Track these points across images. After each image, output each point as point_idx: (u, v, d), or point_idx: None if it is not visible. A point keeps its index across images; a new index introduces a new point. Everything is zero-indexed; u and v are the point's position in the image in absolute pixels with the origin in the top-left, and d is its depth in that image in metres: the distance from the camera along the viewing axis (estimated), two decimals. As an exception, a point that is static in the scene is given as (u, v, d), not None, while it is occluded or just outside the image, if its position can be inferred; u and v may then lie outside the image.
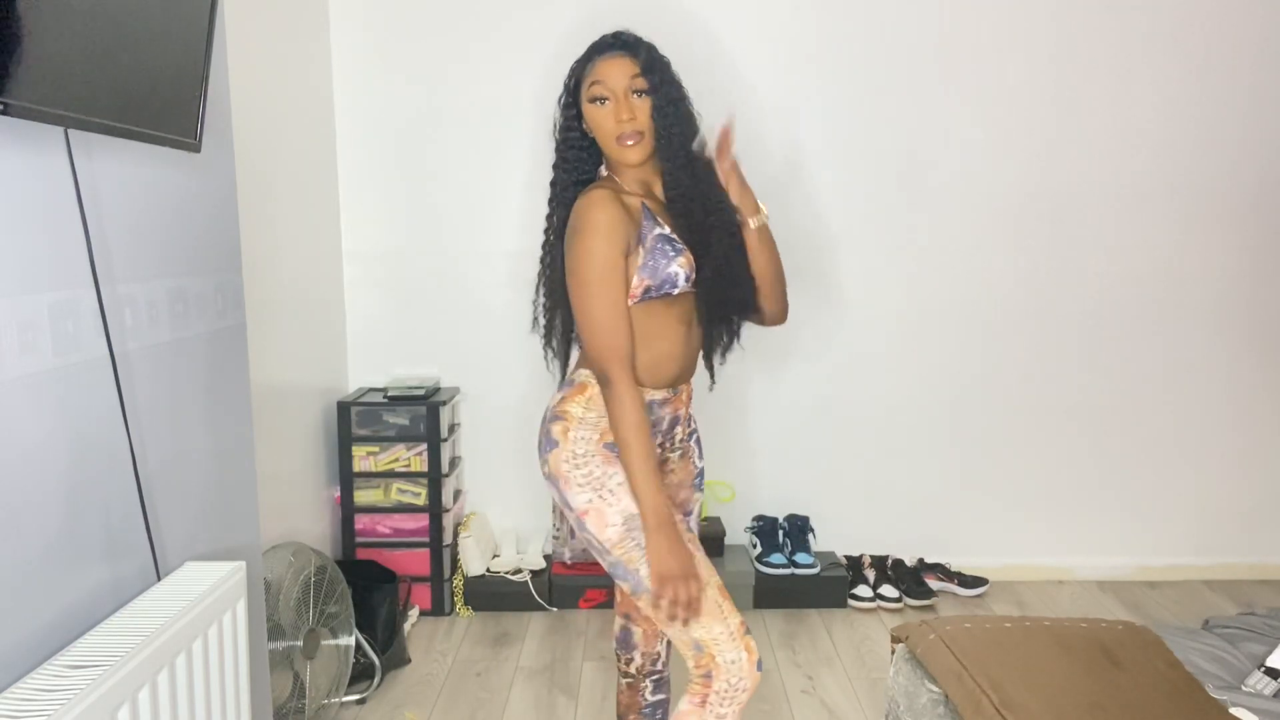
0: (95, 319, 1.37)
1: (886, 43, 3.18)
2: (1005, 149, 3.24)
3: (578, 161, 1.76)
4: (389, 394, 3.11)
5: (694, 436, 1.88)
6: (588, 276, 1.62)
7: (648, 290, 1.64)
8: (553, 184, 1.78)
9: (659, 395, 1.73)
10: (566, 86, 1.73)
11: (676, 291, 1.67)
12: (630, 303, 1.65)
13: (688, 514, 1.88)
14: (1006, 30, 3.18)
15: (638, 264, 1.65)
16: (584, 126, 1.73)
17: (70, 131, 1.29)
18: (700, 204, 1.69)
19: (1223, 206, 3.28)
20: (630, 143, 1.66)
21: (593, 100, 1.68)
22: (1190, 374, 3.37)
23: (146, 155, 1.50)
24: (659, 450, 1.78)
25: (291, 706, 2.27)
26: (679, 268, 1.65)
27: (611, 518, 1.66)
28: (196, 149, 1.53)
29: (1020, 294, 3.32)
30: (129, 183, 1.47)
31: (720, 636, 1.62)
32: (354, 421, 3.06)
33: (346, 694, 2.47)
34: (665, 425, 1.77)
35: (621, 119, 1.65)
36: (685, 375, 1.77)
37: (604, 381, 1.63)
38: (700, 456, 1.90)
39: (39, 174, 1.26)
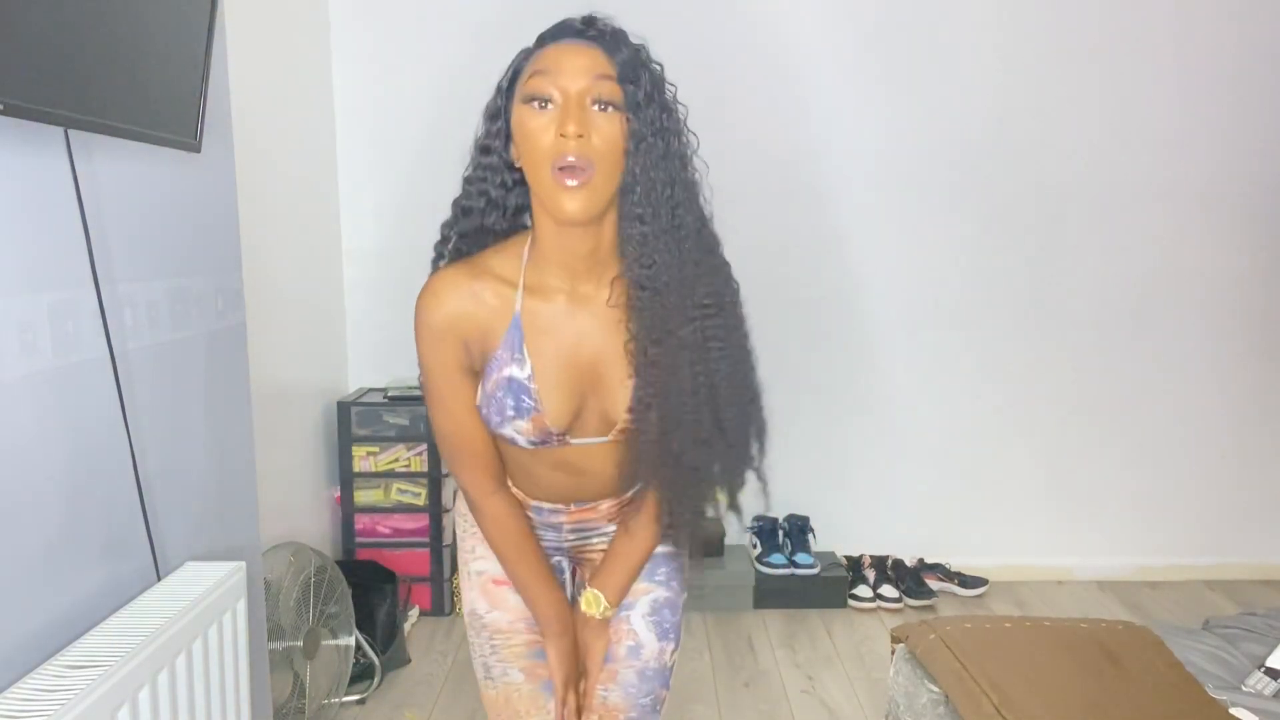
0: (95, 319, 1.37)
1: (886, 42, 3.18)
2: (1004, 149, 3.23)
3: (488, 205, 1.22)
4: (389, 394, 3.11)
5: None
6: (424, 386, 1.28)
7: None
8: (443, 225, 1.27)
9: (547, 505, 1.37)
10: (498, 86, 1.19)
11: (529, 449, 1.26)
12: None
13: (627, 607, 1.40)
14: (1006, 29, 3.18)
15: (478, 403, 1.25)
16: (512, 152, 1.18)
17: (70, 131, 1.29)
18: (677, 305, 1.15)
19: (1222, 206, 3.28)
20: (572, 180, 1.09)
21: (529, 100, 1.11)
22: (1190, 374, 3.36)
23: (146, 155, 1.50)
24: (579, 539, 1.43)
25: (291, 706, 2.27)
26: (515, 433, 1.23)
27: (464, 601, 1.44)
28: (196, 149, 1.53)
29: (1020, 294, 3.31)
30: (129, 183, 1.47)
31: None
32: (354, 421, 3.06)
33: (346, 694, 2.47)
34: (566, 527, 1.41)
35: (566, 130, 1.08)
36: (591, 499, 1.37)
37: (461, 491, 1.36)
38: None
39: (39, 174, 1.26)
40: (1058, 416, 3.38)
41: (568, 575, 1.46)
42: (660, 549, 1.39)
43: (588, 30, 1.15)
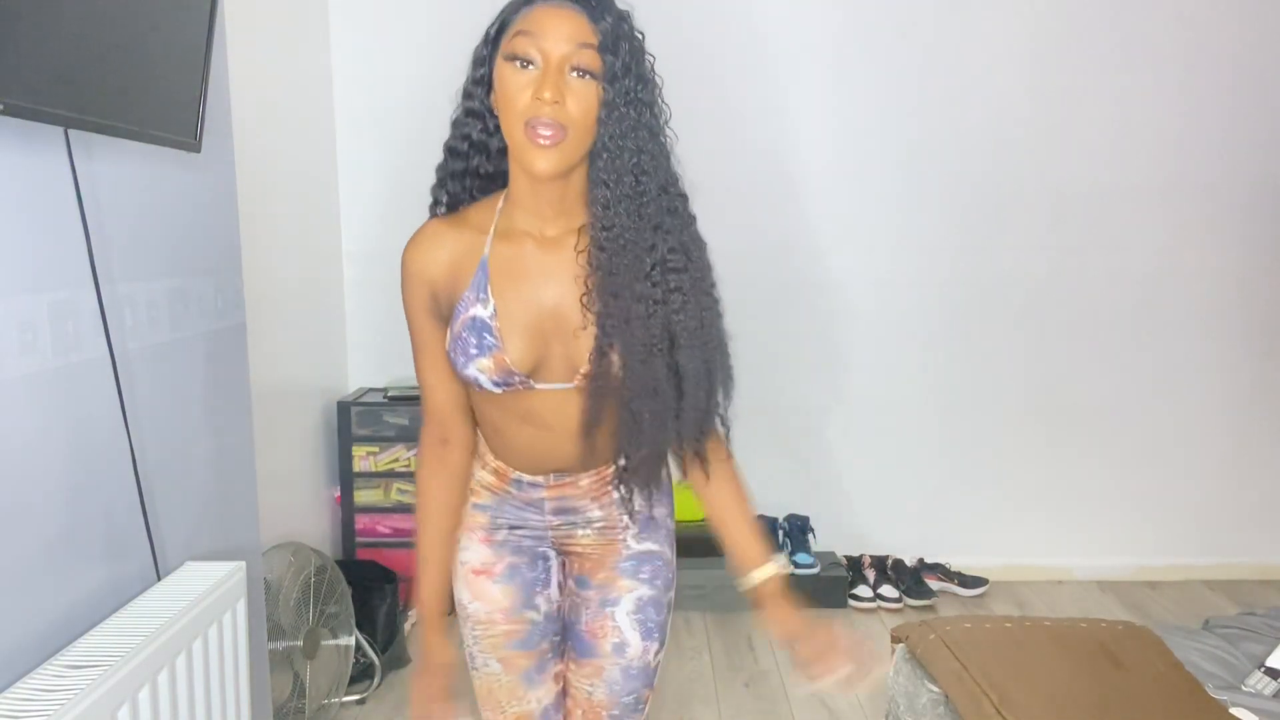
0: (95, 319, 1.37)
1: (885, 41, 3.18)
2: (1004, 149, 3.23)
3: (471, 149, 1.28)
4: (389, 394, 3.11)
5: (632, 514, 1.38)
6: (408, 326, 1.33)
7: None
8: (438, 168, 1.32)
9: (529, 478, 1.36)
10: (485, 35, 1.24)
11: (498, 393, 1.26)
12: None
13: (610, 603, 1.39)
14: (1006, 28, 3.18)
15: (447, 348, 1.27)
16: (492, 98, 1.22)
17: (70, 131, 1.29)
18: (634, 261, 1.19)
19: (1222, 207, 3.28)
20: (544, 139, 1.13)
21: (511, 58, 1.15)
22: (1190, 374, 3.36)
23: (146, 155, 1.50)
24: (565, 524, 1.39)
25: (291, 706, 2.27)
26: (478, 372, 1.23)
27: (454, 589, 1.45)
28: (196, 149, 1.53)
29: (1020, 294, 3.31)
30: (129, 183, 1.47)
31: None
32: (354, 421, 3.06)
33: (346, 694, 2.47)
34: (548, 508, 1.37)
35: (543, 95, 1.12)
36: (573, 469, 1.34)
37: None
38: (642, 538, 1.40)
39: (39, 174, 1.26)
40: (1058, 416, 3.37)
41: (554, 565, 1.43)
42: (646, 547, 1.40)
43: None
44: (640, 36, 1.19)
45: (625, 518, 1.38)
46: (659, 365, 1.22)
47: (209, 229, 1.74)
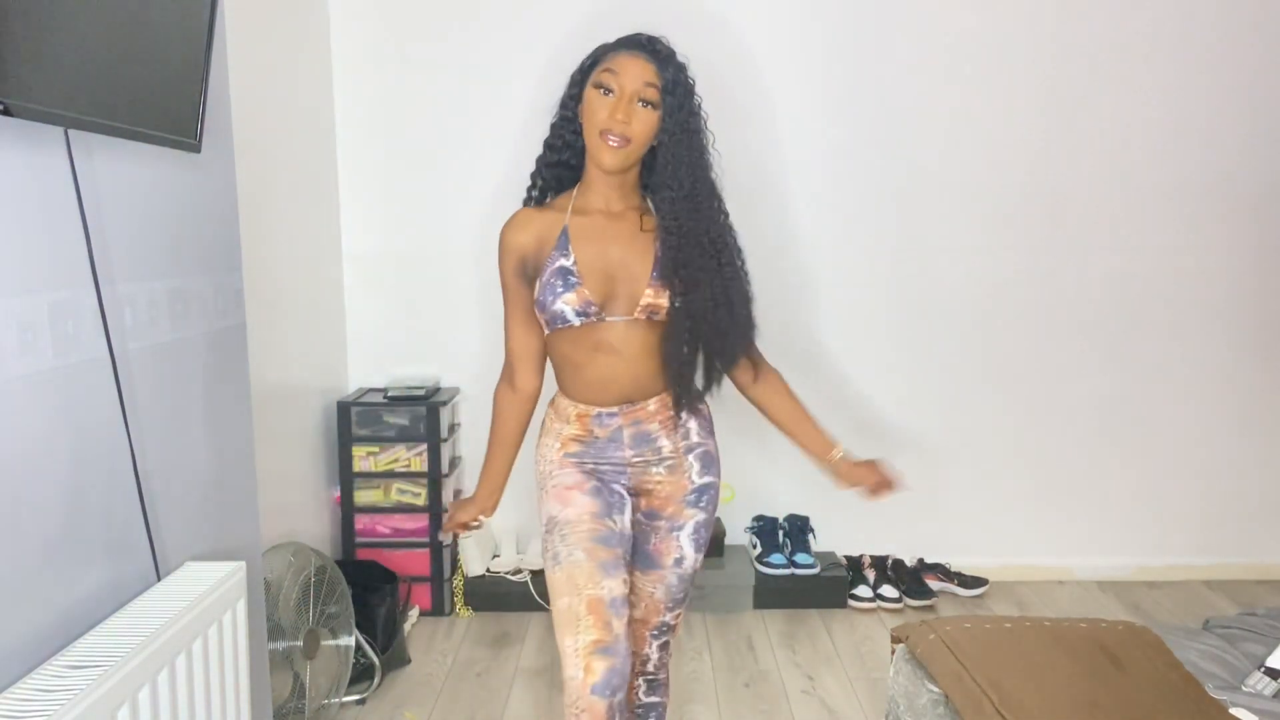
0: (95, 319, 1.37)
1: (884, 40, 3.18)
2: (1006, 148, 3.23)
3: (563, 146, 1.72)
4: (389, 394, 3.11)
5: (695, 452, 1.79)
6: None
7: (548, 322, 1.69)
8: (537, 159, 1.76)
9: (606, 410, 1.73)
10: (581, 66, 1.69)
11: (578, 324, 1.66)
12: (547, 331, 1.72)
13: (677, 528, 1.80)
14: (1007, 28, 3.18)
15: (537, 296, 1.68)
16: (579, 109, 1.68)
17: (70, 131, 1.29)
18: (694, 242, 1.66)
19: (1224, 206, 3.28)
20: (613, 143, 1.60)
21: (597, 86, 1.63)
22: (1191, 374, 3.36)
23: (146, 155, 1.50)
24: (641, 460, 1.76)
25: (291, 706, 2.27)
26: (564, 305, 1.64)
27: (542, 516, 1.78)
28: (196, 149, 1.53)
29: (1020, 294, 3.32)
30: (129, 183, 1.47)
31: (567, 649, 1.60)
32: (354, 421, 3.06)
33: (346, 694, 2.47)
34: (626, 439, 1.74)
35: (616, 116, 1.59)
36: (637, 396, 1.73)
37: None
38: (702, 473, 1.80)
39: (39, 174, 1.26)
40: (1058, 416, 3.37)
41: (628, 504, 1.77)
42: (706, 480, 1.80)
43: (649, 46, 1.64)
44: (693, 82, 1.65)
45: (690, 456, 1.78)
46: (720, 313, 1.68)
47: (209, 229, 1.74)
